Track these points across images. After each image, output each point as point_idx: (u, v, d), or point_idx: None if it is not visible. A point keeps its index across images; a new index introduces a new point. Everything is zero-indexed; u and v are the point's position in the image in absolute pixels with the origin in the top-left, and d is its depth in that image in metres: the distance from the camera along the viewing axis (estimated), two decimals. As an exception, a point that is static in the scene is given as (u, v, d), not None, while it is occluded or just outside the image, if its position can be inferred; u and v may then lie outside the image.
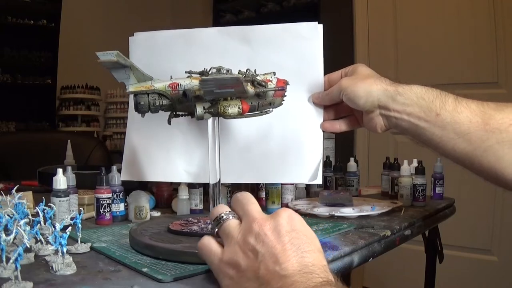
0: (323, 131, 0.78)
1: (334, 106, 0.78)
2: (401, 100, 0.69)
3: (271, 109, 0.69)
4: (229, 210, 0.52)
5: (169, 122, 0.69)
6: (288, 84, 0.67)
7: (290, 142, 0.78)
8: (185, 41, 0.82)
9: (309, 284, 0.42)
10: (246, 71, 0.65)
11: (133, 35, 0.86)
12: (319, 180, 0.77)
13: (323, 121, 0.78)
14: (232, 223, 0.50)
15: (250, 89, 0.64)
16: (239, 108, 0.64)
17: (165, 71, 0.68)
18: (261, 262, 0.45)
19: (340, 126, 0.79)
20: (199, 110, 0.64)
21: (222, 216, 0.51)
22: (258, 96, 0.65)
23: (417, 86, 0.69)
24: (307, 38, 0.78)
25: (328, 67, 0.79)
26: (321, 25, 0.78)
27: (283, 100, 0.69)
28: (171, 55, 0.80)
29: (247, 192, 0.53)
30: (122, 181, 0.84)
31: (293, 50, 0.78)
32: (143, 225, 0.71)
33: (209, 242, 0.50)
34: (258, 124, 0.78)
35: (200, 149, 0.80)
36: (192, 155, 0.81)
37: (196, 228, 0.66)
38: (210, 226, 0.65)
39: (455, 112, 0.66)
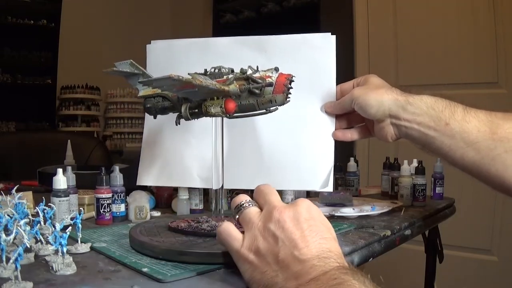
0: (335, 140, 0.79)
1: (346, 115, 0.79)
2: (411, 110, 0.70)
3: (276, 107, 0.67)
4: (250, 199, 0.54)
5: (176, 123, 0.70)
6: (293, 80, 0.66)
7: (302, 150, 0.79)
8: (201, 50, 0.84)
9: (327, 268, 0.45)
10: (247, 68, 0.66)
11: (149, 42, 0.87)
12: (330, 188, 0.77)
13: (335, 130, 0.79)
14: (253, 210, 0.52)
15: (234, 87, 0.64)
16: (221, 107, 0.64)
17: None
18: (281, 247, 0.47)
19: (352, 135, 0.80)
20: (183, 109, 0.67)
21: (243, 204, 0.53)
22: (253, 94, 0.64)
23: (427, 96, 0.71)
24: (320, 48, 0.80)
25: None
26: (334, 36, 0.80)
27: (288, 98, 0.67)
28: (188, 63, 0.80)
29: (269, 185, 0.55)
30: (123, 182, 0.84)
31: (306, 60, 0.79)
32: (143, 225, 0.71)
33: (228, 228, 0.52)
34: (271, 131, 0.80)
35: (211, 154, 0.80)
36: (204, 161, 0.81)
37: (197, 226, 0.67)
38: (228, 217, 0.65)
39: (464, 121, 0.67)
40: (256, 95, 0.65)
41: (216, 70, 0.67)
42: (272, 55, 0.80)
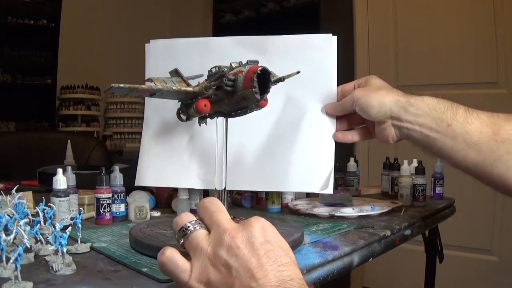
0: (336, 141, 0.79)
1: (347, 116, 0.79)
2: (413, 111, 0.70)
3: (255, 105, 0.64)
4: (195, 219, 0.47)
5: (199, 124, 0.71)
6: (258, 72, 0.60)
7: (303, 152, 0.79)
8: (200, 49, 0.83)
9: None
10: (230, 64, 0.65)
11: (149, 42, 0.87)
12: (330, 190, 0.77)
13: (336, 131, 0.79)
14: (200, 234, 0.45)
15: (200, 87, 0.64)
16: (193, 108, 0.64)
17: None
18: (235, 277, 0.42)
19: (352, 136, 0.80)
20: (177, 111, 0.68)
21: (188, 226, 0.46)
22: (226, 92, 0.62)
23: (429, 97, 0.70)
24: (321, 49, 0.79)
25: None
26: (335, 37, 0.79)
27: (259, 94, 0.61)
28: (187, 63, 0.80)
29: (215, 198, 0.49)
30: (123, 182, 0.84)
31: (307, 61, 0.79)
32: (143, 225, 0.71)
33: (173, 257, 0.45)
34: (271, 133, 0.79)
35: (212, 156, 0.80)
36: (205, 162, 0.81)
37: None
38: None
39: (466, 122, 0.67)
40: (230, 93, 0.62)
41: (216, 69, 0.67)
42: (272, 55, 0.80)
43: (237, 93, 0.61)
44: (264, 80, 0.61)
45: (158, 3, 4.23)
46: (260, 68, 0.60)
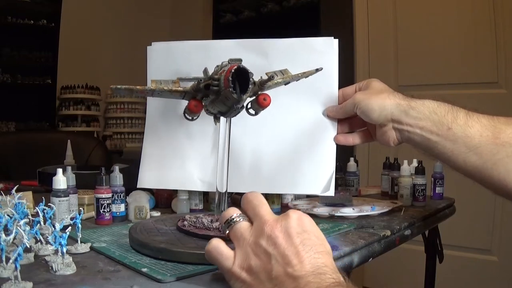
0: (337, 144, 0.79)
1: (348, 119, 0.79)
2: (413, 114, 0.70)
3: (241, 104, 0.64)
4: (240, 212, 0.52)
5: (215, 123, 0.71)
6: (233, 71, 0.59)
7: (304, 154, 0.79)
8: (202, 53, 0.83)
9: (322, 284, 0.43)
10: (221, 63, 0.65)
11: (149, 42, 0.86)
12: (331, 192, 0.77)
13: (337, 134, 0.79)
14: (243, 226, 0.50)
15: (190, 88, 0.65)
16: (187, 107, 0.65)
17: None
18: (274, 264, 0.46)
19: (354, 139, 0.80)
20: (184, 111, 0.69)
21: (233, 219, 0.51)
22: (215, 92, 0.62)
23: (430, 100, 0.71)
24: (322, 52, 0.79)
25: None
26: (336, 40, 0.79)
27: (236, 93, 0.60)
28: (189, 66, 0.80)
29: (258, 193, 0.52)
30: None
31: (308, 64, 0.78)
32: (143, 225, 0.71)
33: (218, 245, 0.50)
34: (272, 135, 0.80)
35: (214, 158, 0.80)
36: (206, 164, 0.81)
37: (205, 223, 0.67)
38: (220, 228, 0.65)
39: (466, 126, 0.67)
40: (218, 93, 0.62)
41: (217, 68, 0.67)
42: (273, 58, 0.80)
43: (221, 92, 0.62)
44: (244, 79, 0.61)
45: (158, 2, 4.23)
46: (235, 67, 0.60)
